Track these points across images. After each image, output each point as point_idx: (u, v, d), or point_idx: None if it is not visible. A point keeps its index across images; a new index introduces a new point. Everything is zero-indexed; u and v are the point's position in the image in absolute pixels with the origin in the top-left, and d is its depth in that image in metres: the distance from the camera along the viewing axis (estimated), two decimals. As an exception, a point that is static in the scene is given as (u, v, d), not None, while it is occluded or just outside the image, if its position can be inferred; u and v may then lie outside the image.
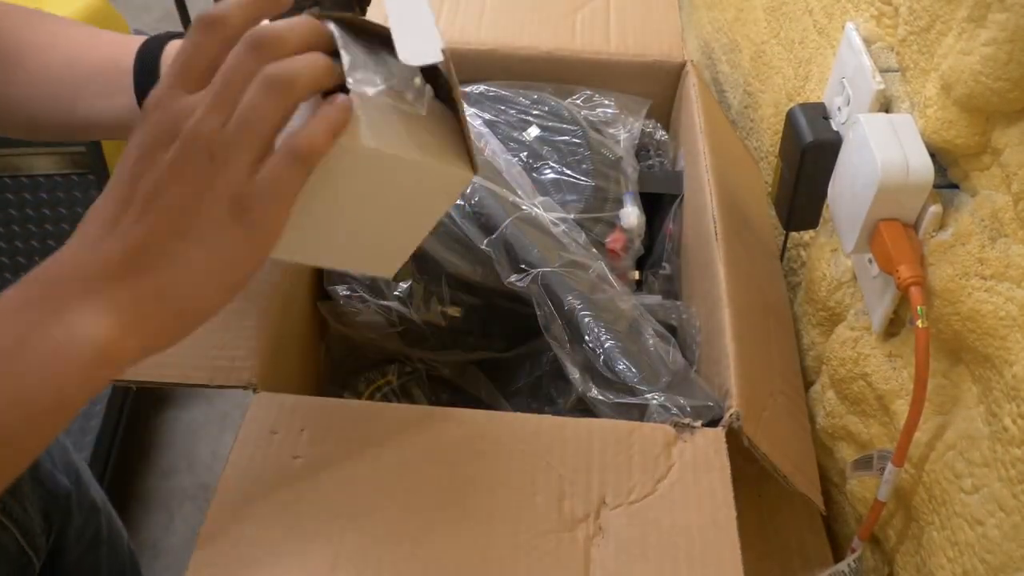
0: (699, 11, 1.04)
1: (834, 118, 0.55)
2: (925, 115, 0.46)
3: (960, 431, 0.46)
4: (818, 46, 0.64)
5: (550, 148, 0.67)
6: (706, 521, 0.47)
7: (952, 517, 0.47)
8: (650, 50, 0.78)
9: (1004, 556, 0.42)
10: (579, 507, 0.47)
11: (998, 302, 0.42)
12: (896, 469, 0.49)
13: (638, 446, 0.50)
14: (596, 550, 0.45)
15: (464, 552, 0.45)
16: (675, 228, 0.71)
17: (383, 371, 0.66)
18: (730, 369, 0.52)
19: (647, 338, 0.58)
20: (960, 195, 0.46)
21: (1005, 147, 0.41)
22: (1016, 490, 0.41)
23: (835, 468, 0.64)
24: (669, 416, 0.52)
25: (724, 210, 0.63)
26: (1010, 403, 0.41)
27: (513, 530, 0.46)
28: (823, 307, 0.64)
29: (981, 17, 0.39)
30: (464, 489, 0.47)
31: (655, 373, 0.56)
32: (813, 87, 0.65)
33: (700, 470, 0.49)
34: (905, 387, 0.52)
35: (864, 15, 0.54)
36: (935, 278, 0.46)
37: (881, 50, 0.52)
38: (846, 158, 0.51)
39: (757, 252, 0.67)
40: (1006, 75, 0.38)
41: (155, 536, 1.36)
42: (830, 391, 0.63)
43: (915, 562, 0.52)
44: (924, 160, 0.46)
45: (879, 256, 0.48)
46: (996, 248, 0.42)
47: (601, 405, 0.55)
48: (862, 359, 0.57)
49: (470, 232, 0.60)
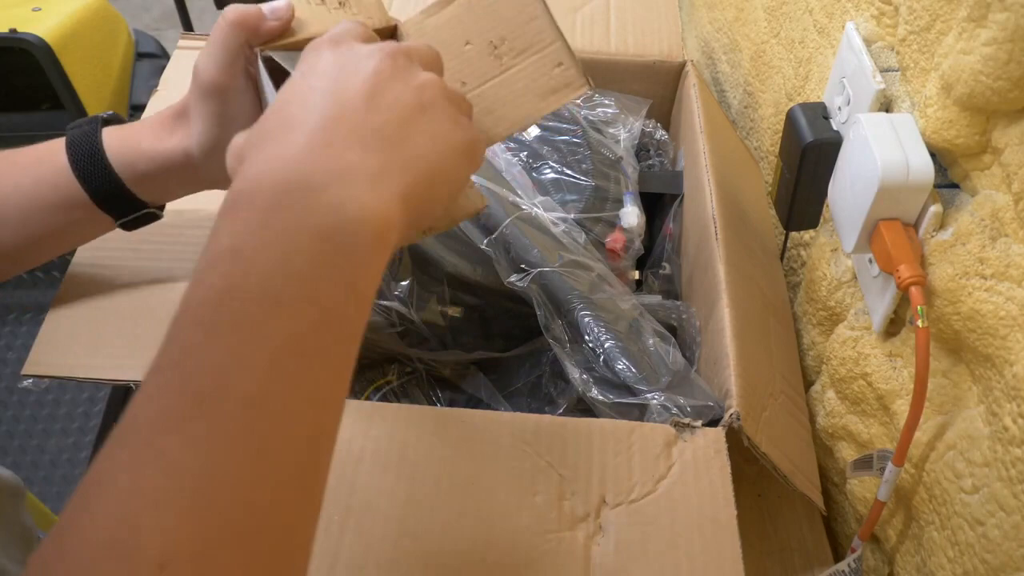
0: (699, 11, 1.04)
1: (834, 118, 0.55)
2: (925, 115, 0.46)
3: (960, 431, 0.46)
4: (818, 46, 0.64)
5: (550, 148, 0.67)
6: (706, 521, 0.47)
7: (952, 517, 0.47)
8: (650, 50, 0.78)
9: (1004, 556, 0.42)
10: (579, 507, 0.47)
11: (998, 302, 0.42)
12: (896, 469, 0.49)
13: (638, 446, 0.50)
14: (596, 549, 0.45)
15: (464, 552, 0.45)
16: (675, 228, 0.71)
17: (383, 371, 0.66)
18: (730, 369, 0.52)
19: (647, 338, 0.58)
20: (960, 195, 0.46)
21: (1005, 147, 0.41)
22: (1016, 490, 0.41)
23: (835, 468, 0.64)
24: (669, 416, 0.52)
25: (724, 210, 0.63)
26: (1010, 403, 0.41)
27: (513, 530, 0.46)
28: (823, 307, 0.64)
29: (981, 17, 0.39)
30: (464, 489, 0.47)
31: (655, 373, 0.56)
32: (813, 87, 0.65)
33: (700, 470, 0.49)
34: (905, 387, 0.52)
35: (864, 15, 0.54)
36: (935, 278, 0.46)
37: (881, 50, 0.52)
38: (846, 158, 0.51)
39: (757, 252, 0.67)
40: (1006, 75, 0.38)
41: (155, 536, 1.36)
42: (830, 391, 0.63)
43: (915, 562, 0.52)
44: (924, 160, 0.46)
45: (879, 256, 0.48)
46: (996, 248, 0.42)
47: (601, 405, 0.55)
48: (862, 359, 0.57)
49: (470, 232, 0.60)
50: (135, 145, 0.49)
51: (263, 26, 0.46)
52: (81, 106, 1.33)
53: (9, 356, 1.37)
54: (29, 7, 1.35)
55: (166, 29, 2.30)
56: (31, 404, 1.31)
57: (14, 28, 1.27)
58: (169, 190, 0.51)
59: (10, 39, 1.27)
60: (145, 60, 1.57)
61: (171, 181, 0.50)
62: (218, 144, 0.47)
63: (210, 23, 2.30)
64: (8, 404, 1.31)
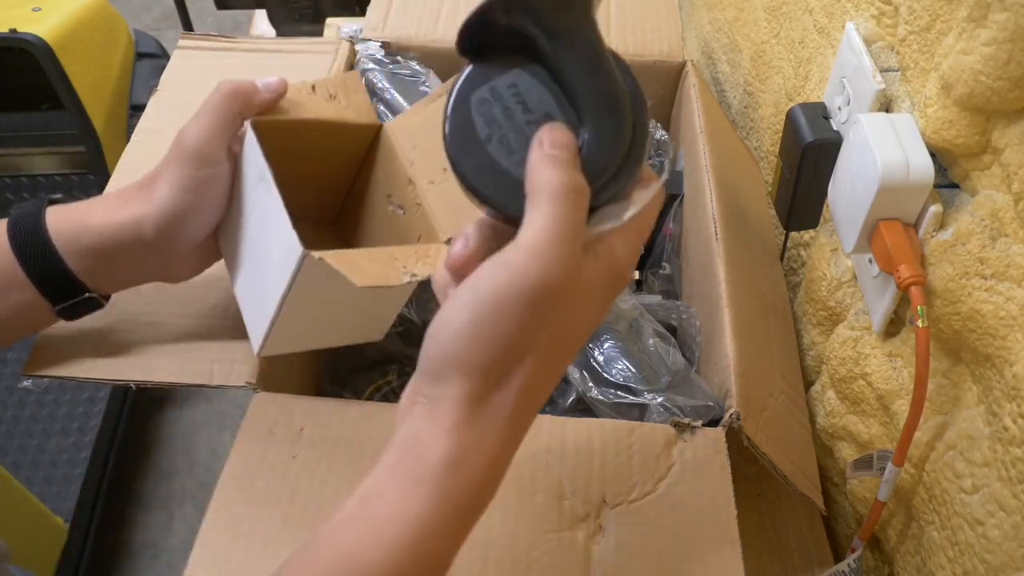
0: (699, 11, 1.04)
1: (834, 118, 0.55)
2: (925, 115, 0.46)
3: (960, 431, 0.46)
4: (818, 46, 0.64)
5: (550, 148, 0.67)
6: (706, 520, 0.47)
7: (952, 517, 0.47)
8: (650, 50, 0.78)
9: (1004, 556, 0.42)
10: (579, 506, 0.47)
11: (998, 302, 0.42)
12: (896, 469, 0.49)
13: (638, 446, 0.50)
14: (596, 549, 0.45)
15: (464, 551, 0.45)
16: (675, 228, 0.71)
17: (383, 371, 0.65)
18: (730, 369, 0.52)
19: (647, 338, 0.58)
20: (960, 195, 0.46)
21: (1005, 147, 0.41)
22: (1016, 490, 0.41)
23: (835, 468, 0.64)
24: (669, 416, 0.52)
25: (724, 210, 0.63)
26: (1010, 403, 0.41)
27: (513, 529, 0.46)
28: (823, 307, 0.64)
29: (981, 17, 0.39)
30: (464, 489, 0.47)
31: (655, 373, 0.56)
32: (813, 87, 0.65)
33: (700, 470, 0.49)
34: (905, 387, 0.52)
35: (864, 15, 0.54)
36: (935, 278, 0.46)
37: (881, 50, 0.52)
38: (846, 158, 0.51)
39: (757, 252, 0.67)
40: (1006, 75, 0.38)
41: (155, 536, 1.36)
42: (830, 391, 0.63)
43: (915, 562, 0.52)
44: (924, 160, 0.46)
45: (879, 256, 0.48)
46: (996, 248, 0.42)
47: (601, 405, 0.55)
48: (862, 359, 0.57)
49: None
50: (80, 219, 0.47)
51: (256, 98, 0.48)
52: (81, 106, 1.33)
53: (9, 356, 1.37)
54: (29, 7, 1.35)
55: (166, 29, 2.30)
56: (31, 404, 1.31)
57: (14, 28, 1.27)
58: (114, 271, 0.49)
59: (10, 39, 1.27)
60: (145, 60, 1.57)
61: (118, 259, 0.48)
62: (177, 216, 0.46)
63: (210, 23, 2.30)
64: (8, 404, 1.31)
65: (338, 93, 0.53)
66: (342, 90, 0.53)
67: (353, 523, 0.32)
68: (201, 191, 0.46)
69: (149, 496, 1.41)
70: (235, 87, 0.47)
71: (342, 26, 1.21)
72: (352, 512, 0.32)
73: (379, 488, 0.32)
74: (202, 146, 0.46)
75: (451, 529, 0.32)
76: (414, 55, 0.76)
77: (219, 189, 0.47)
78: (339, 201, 0.59)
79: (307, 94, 0.52)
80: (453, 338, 0.32)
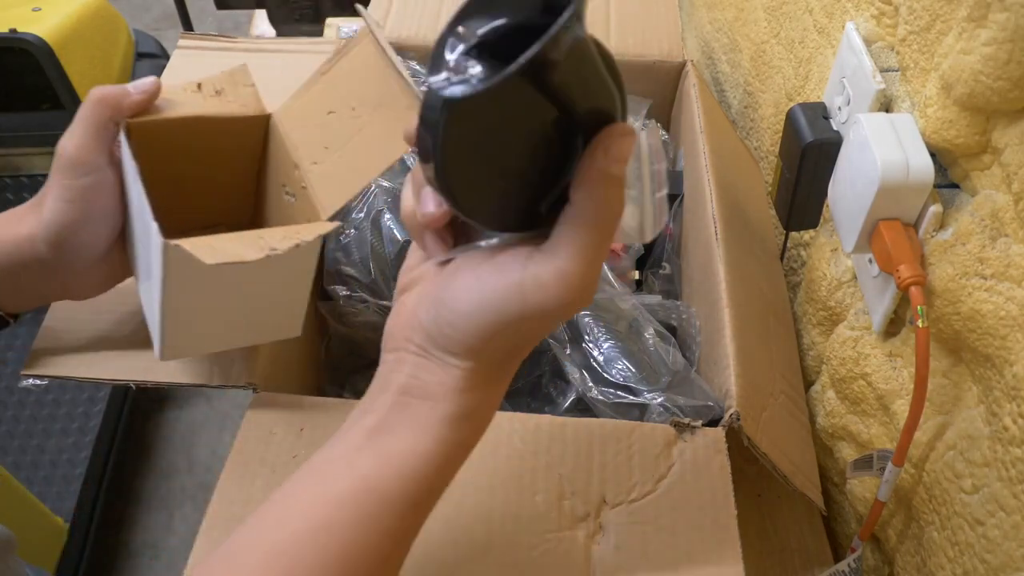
0: (699, 11, 1.04)
1: (834, 118, 0.55)
2: (925, 115, 0.46)
3: (960, 431, 0.46)
4: (818, 46, 0.64)
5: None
6: (706, 520, 0.47)
7: (952, 517, 0.47)
8: (650, 50, 0.78)
9: (1004, 556, 0.42)
10: (579, 506, 0.47)
11: (998, 302, 0.42)
12: (896, 469, 0.49)
13: (638, 446, 0.50)
14: (596, 549, 0.45)
15: (464, 551, 0.45)
16: (675, 228, 0.71)
17: (383, 371, 0.65)
18: (730, 369, 0.52)
19: (647, 338, 0.58)
20: (960, 195, 0.46)
21: (1005, 147, 0.41)
22: (1016, 490, 0.41)
23: (835, 468, 0.64)
24: (669, 416, 0.52)
25: (724, 210, 0.63)
26: (1010, 403, 0.41)
27: (513, 530, 0.46)
28: (823, 307, 0.64)
29: (981, 17, 0.39)
30: (464, 489, 0.47)
31: (655, 373, 0.56)
32: (813, 87, 0.65)
33: (700, 470, 0.49)
34: (905, 387, 0.52)
35: (864, 15, 0.54)
36: (935, 278, 0.46)
37: (881, 50, 0.52)
38: (846, 158, 0.51)
39: (757, 252, 0.67)
40: (1006, 75, 0.38)
41: (155, 536, 1.36)
42: (830, 391, 0.63)
43: (915, 562, 0.52)
44: (924, 160, 0.46)
45: (879, 256, 0.48)
46: (996, 248, 0.42)
47: (601, 405, 0.55)
48: (862, 359, 0.57)
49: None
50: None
51: (126, 100, 0.47)
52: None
53: (9, 356, 1.37)
54: (29, 7, 1.35)
55: (166, 29, 2.30)
56: (31, 404, 1.31)
57: (14, 28, 1.27)
58: (17, 289, 0.49)
59: (10, 39, 1.27)
60: (145, 60, 1.57)
61: (19, 277, 0.47)
62: (65, 229, 0.46)
63: (210, 23, 2.30)
64: (8, 404, 1.31)
65: (225, 88, 0.52)
66: (229, 84, 0.52)
67: (365, 454, 0.34)
68: (85, 200, 0.46)
69: (149, 496, 1.41)
70: (103, 93, 0.46)
71: (342, 26, 1.21)
72: (359, 444, 0.34)
73: (388, 424, 0.34)
74: (78, 154, 0.45)
75: (454, 464, 0.36)
76: (414, 55, 0.76)
77: (105, 196, 0.47)
78: (250, 203, 0.58)
79: (191, 92, 0.51)
80: (475, 330, 0.33)
